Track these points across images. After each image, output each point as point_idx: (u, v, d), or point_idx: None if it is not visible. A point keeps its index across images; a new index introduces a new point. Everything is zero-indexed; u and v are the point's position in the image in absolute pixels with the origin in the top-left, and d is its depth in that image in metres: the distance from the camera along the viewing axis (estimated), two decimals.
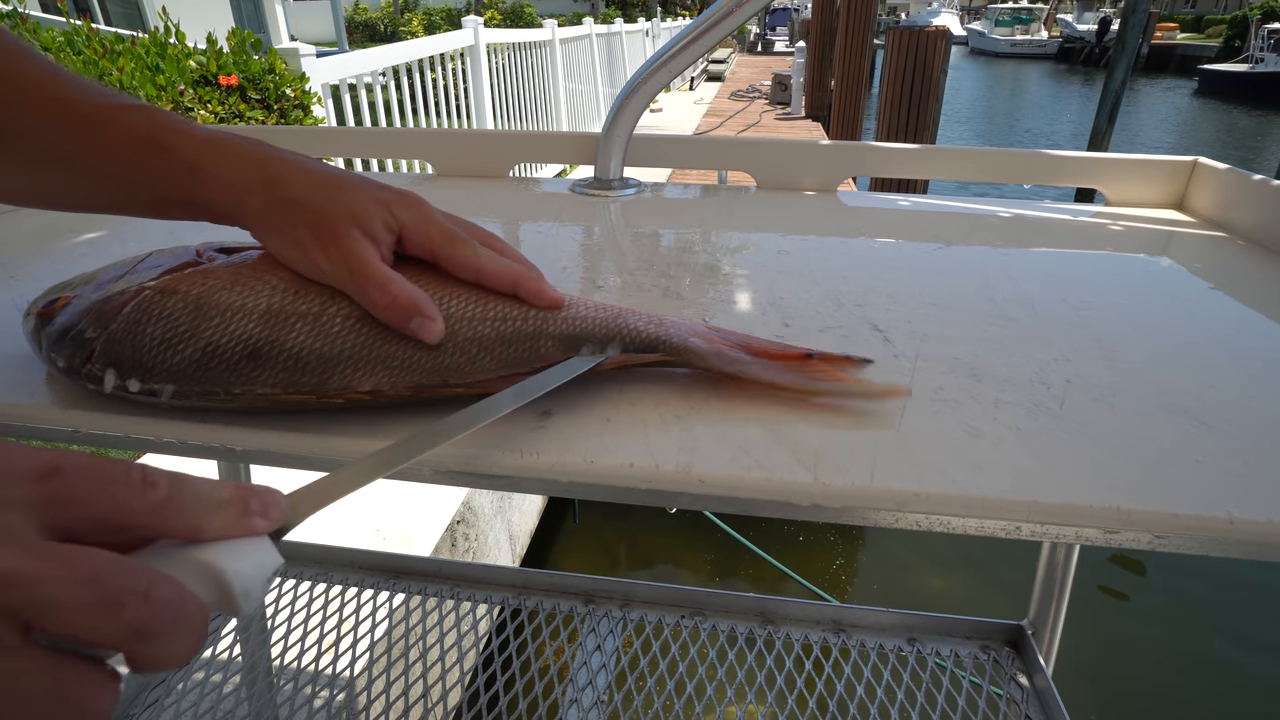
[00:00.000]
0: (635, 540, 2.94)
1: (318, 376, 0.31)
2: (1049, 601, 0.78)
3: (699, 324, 0.36)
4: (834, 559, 2.86)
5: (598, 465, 0.28)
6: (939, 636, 0.83)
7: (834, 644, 0.82)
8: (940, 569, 2.81)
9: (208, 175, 0.32)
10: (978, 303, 0.46)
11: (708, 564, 2.81)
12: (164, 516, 0.21)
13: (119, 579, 0.18)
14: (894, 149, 0.71)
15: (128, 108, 0.32)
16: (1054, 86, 23.46)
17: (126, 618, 0.18)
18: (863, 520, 0.30)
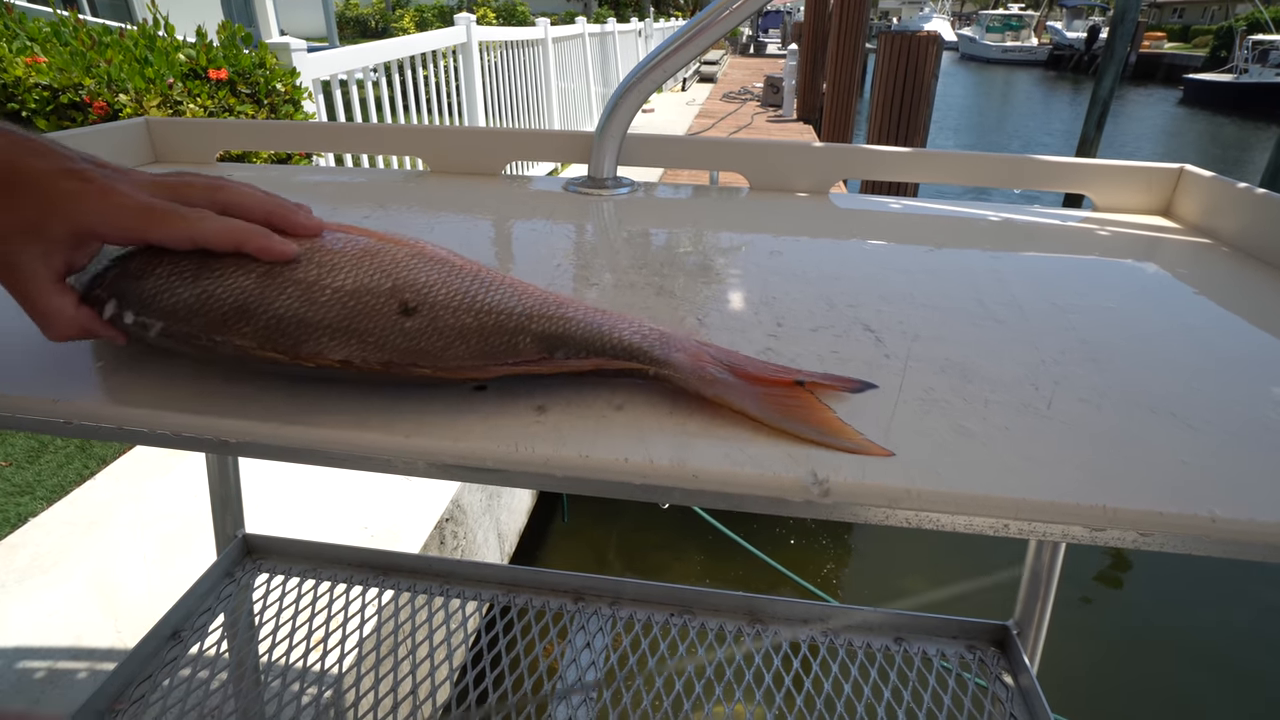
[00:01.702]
0: (624, 540, 2.94)
1: (294, 338, 0.31)
2: (1034, 601, 0.79)
3: (687, 337, 0.36)
4: (824, 560, 2.87)
5: (593, 460, 0.28)
6: (926, 636, 0.84)
7: (822, 643, 0.83)
8: (929, 570, 2.83)
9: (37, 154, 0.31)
10: (968, 304, 0.47)
11: (698, 564, 2.81)
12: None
13: None
14: (886, 152, 0.72)
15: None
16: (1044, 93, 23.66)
17: None
18: (853, 517, 0.31)
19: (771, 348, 0.38)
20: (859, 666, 0.79)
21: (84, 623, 1.37)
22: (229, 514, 0.94)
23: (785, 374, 0.34)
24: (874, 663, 0.79)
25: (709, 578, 2.77)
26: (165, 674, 0.79)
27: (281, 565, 0.92)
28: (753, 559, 2.64)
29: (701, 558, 2.84)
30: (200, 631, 0.84)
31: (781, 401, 0.33)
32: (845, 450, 0.31)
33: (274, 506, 1.65)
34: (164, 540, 1.58)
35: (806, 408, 0.32)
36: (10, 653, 1.30)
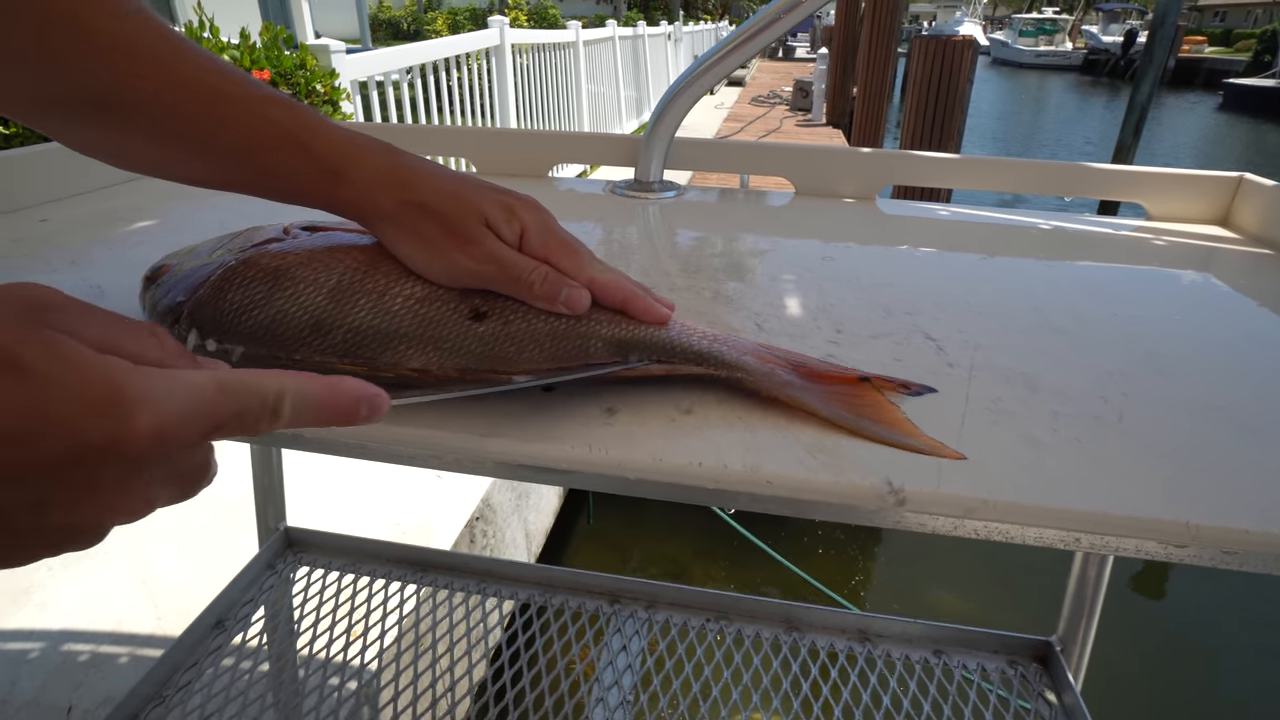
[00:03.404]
0: (649, 542, 2.94)
1: (372, 350, 0.32)
2: (1079, 617, 0.77)
3: (753, 343, 0.36)
4: (853, 570, 2.85)
5: (666, 464, 0.29)
6: (965, 649, 0.83)
7: (859, 653, 0.82)
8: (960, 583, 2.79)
9: (344, 177, 0.34)
10: (1026, 314, 0.46)
11: (723, 569, 2.80)
12: None
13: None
14: (935, 158, 0.71)
15: (265, 99, 0.34)
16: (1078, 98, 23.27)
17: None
18: (920, 526, 0.31)
19: (834, 354, 0.38)
20: (897, 679, 0.78)
21: (125, 609, 1.40)
22: (271, 506, 0.96)
23: (850, 373, 0.34)
24: (913, 675, 0.79)
25: (734, 583, 2.76)
26: (210, 662, 0.81)
27: (321, 559, 0.93)
28: (778, 566, 2.62)
29: (727, 563, 2.83)
30: (243, 622, 0.85)
31: (849, 400, 0.33)
32: (916, 450, 0.31)
33: (308, 500, 1.67)
34: (202, 530, 1.61)
35: (875, 406, 0.33)
36: (56, 635, 1.33)
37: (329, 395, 0.23)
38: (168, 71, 0.32)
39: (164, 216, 0.62)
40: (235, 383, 0.21)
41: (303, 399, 0.22)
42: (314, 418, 0.23)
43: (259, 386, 0.21)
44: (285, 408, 0.22)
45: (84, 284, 0.47)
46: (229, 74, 0.34)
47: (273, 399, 0.21)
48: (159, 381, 0.20)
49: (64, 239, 0.56)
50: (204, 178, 0.35)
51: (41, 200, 0.65)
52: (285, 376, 0.22)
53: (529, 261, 0.33)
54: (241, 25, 2.48)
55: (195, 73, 0.33)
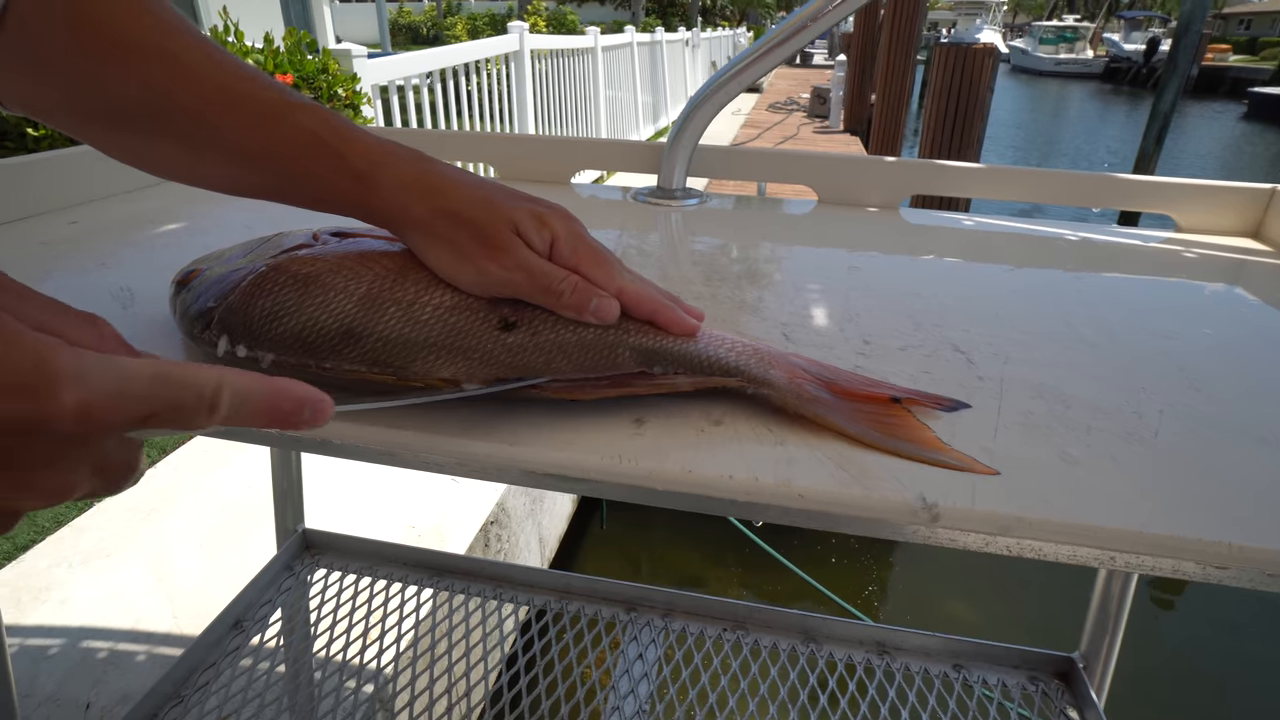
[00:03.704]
0: (660, 548, 2.93)
1: (402, 359, 0.32)
2: (1102, 634, 0.76)
3: (782, 353, 0.35)
4: (866, 580, 2.82)
5: (696, 475, 0.28)
6: (985, 664, 0.82)
7: (877, 665, 0.81)
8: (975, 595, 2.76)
9: (376, 184, 0.34)
10: (1056, 327, 0.45)
11: (735, 576, 2.79)
12: None
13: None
14: (961, 168, 0.71)
15: (297, 106, 0.34)
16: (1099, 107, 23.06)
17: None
18: (950, 542, 0.30)
19: (861, 366, 0.38)
20: (916, 693, 0.77)
21: (143, 607, 1.41)
22: (290, 508, 0.97)
23: (880, 389, 0.34)
24: (931, 689, 0.78)
25: (745, 588, 2.74)
26: (227, 663, 0.81)
27: (339, 561, 0.94)
28: (790, 575, 2.60)
29: (739, 570, 2.82)
30: (261, 623, 0.86)
31: (879, 419, 0.32)
32: (948, 466, 0.30)
33: (325, 501, 1.68)
34: (218, 530, 1.62)
35: (906, 426, 0.32)
36: (76, 632, 1.34)
37: (270, 395, 0.23)
38: (203, 79, 0.33)
39: (190, 219, 0.63)
40: (172, 373, 0.21)
41: (242, 396, 0.22)
42: (253, 417, 0.22)
43: (196, 380, 0.21)
44: (223, 403, 0.21)
45: (113, 286, 0.48)
46: (261, 80, 0.34)
47: (210, 393, 0.21)
48: (91, 361, 0.19)
49: (93, 241, 0.57)
50: (236, 185, 0.35)
51: (70, 203, 0.66)
52: (226, 373, 0.22)
53: (559, 271, 0.33)
54: (264, 30, 2.51)
55: (229, 80, 0.33)
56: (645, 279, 0.36)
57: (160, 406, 0.20)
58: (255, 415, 0.22)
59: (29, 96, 0.33)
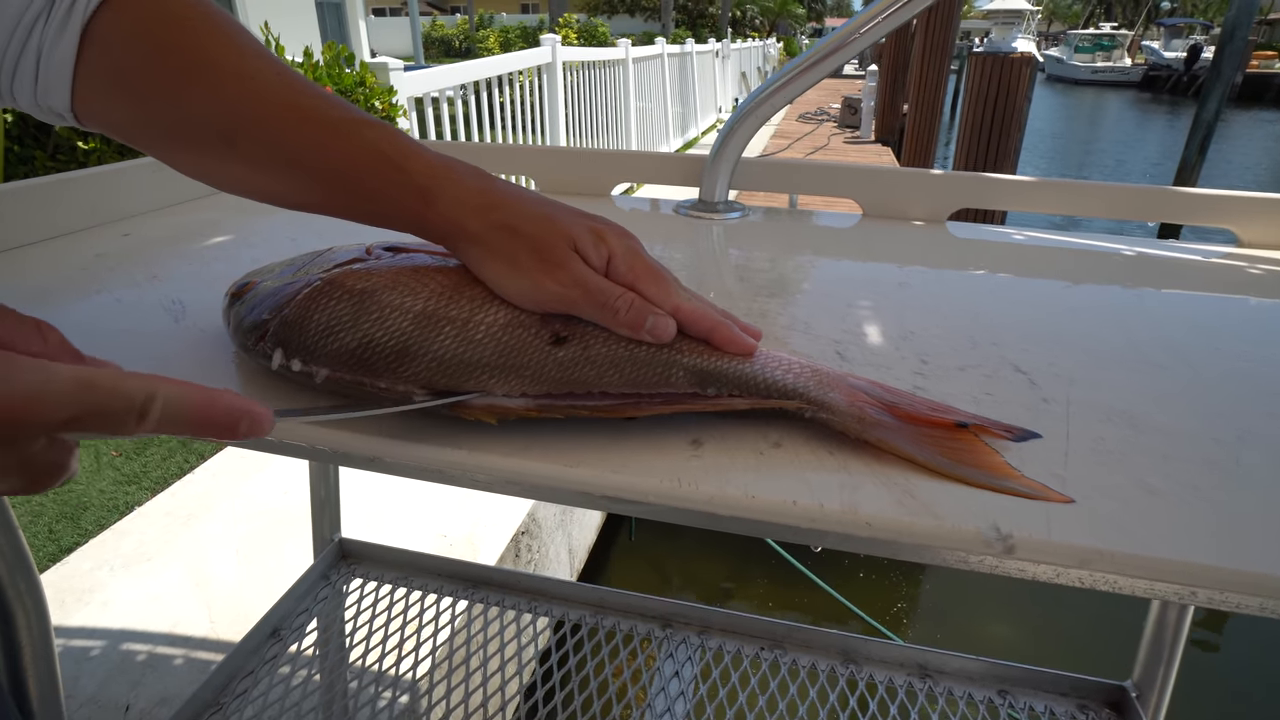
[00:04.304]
0: (688, 561, 2.91)
1: (455, 378, 0.32)
2: (1157, 661, 0.73)
3: (841, 374, 0.34)
4: (894, 597, 2.77)
5: (759, 501, 0.27)
6: (1031, 690, 0.79)
7: (919, 689, 0.79)
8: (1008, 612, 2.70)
9: (436, 200, 0.34)
10: (1119, 346, 0.44)
11: (760, 590, 2.76)
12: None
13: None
14: (1010, 181, 0.69)
15: (362, 123, 0.34)
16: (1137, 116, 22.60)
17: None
18: (1019, 573, 0.29)
19: (921, 387, 0.37)
20: (960, 718, 0.75)
21: (181, 611, 1.43)
22: (327, 517, 0.97)
23: (946, 414, 0.32)
24: (976, 715, 0.75)
25: (771, 601, 2.71)
26: (265, 671, 0.82)
27: (375, 571, 0.94)
28: (816, 590, 2.57)
29: (765, 583, 2.79)
30: (298, 632, 0.86)
31: (945, 445, 0.31)
32: (1020, 495, 0.29)
33: (358, 508, 1.70)
34: (254, 537, 1.65)
35: (974, 452, 0.31)
36: (116, 634, 1.37)
37: (204, 406, 0.23)
38: (273, 98, 0.33)
39: (238, 232, 0.63)
40: (101, 380, 0.21)
41: (175, 406, 0.22)
42: (186, 426, 0.23)
43: (126, 388, 0.22)
44: (154, 411, 0.22)
45: (165, 299, 0.48)
46: (328, 98, 0.35)
47: (141, 401, 0.22)
48: (14, 364, 0.20)
49: (145, 253, 0.58)
50: (299, 199, 0.36)
51: (123, 215, 0.68)
52: (160, 382, 0.22)
53: (615, 288, 0.32)
54: (303, 44, 2.56)
55: (298, 98, 0.34)
56: (702, 297, 0.35)
57: (83, 411, 0.21)
58: (188, 425, 0.23)
59: (105, 114, 0.34)
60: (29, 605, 0.60)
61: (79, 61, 0.33)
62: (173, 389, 0.22)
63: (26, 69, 0.33)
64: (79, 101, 0.34)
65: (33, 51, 0.33)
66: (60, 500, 1.76)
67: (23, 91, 0.34)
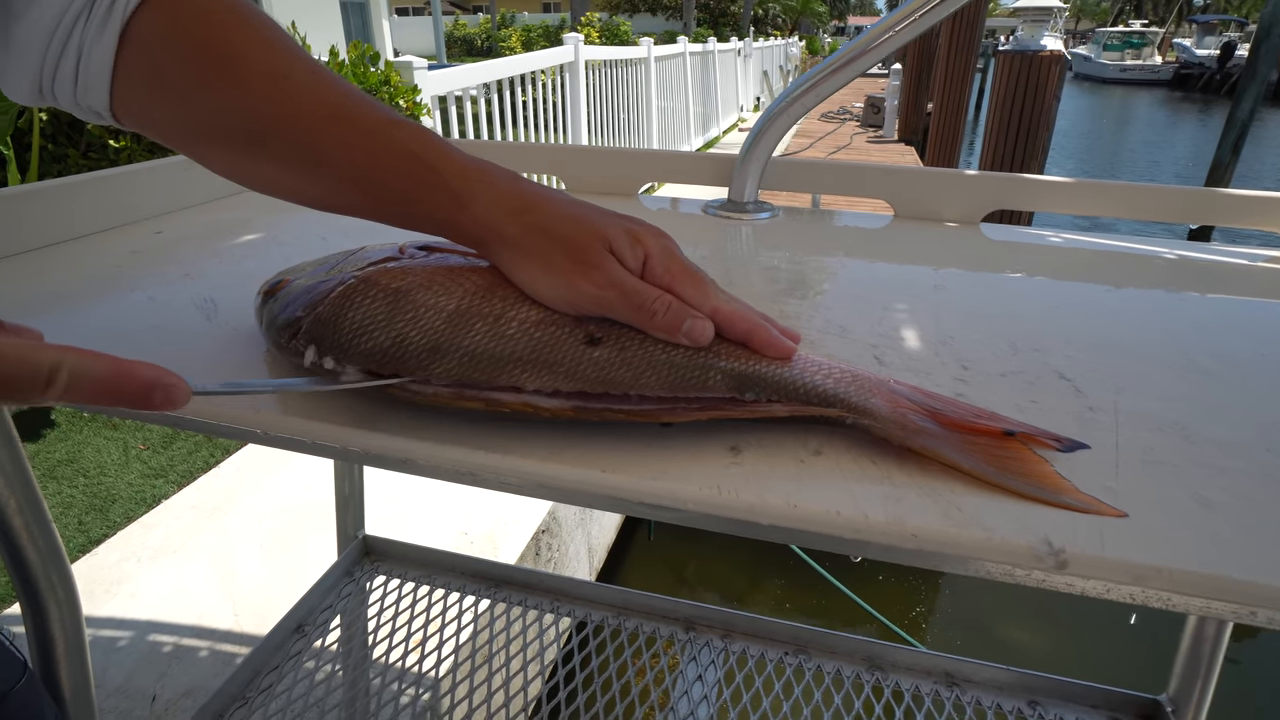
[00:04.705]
0: (706, 562, 2.90)
1: (488, 374, 0.31)
2: (1194, 675, 0.71)
3: (882, 379, 0.33)
4: (913, 600, 2.74)
5: (801, 510, 0.27)
6: (1062, 701, 0.78)
7: (946, 698, 0.78)
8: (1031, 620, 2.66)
9: (470, 202, 0.33)
10: (1167, 353, 0.43)
11: (777, 591, 2.74)
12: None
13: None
14: (1047, 181, 0.67)
15: (394, 123, 0.34)
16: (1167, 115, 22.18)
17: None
18: (1067, 588, 0.28)
19: (963, 394, 0.36)
20: None
21: (206, 603, 1.45)
22: (350, 515, 0.98)
23: (992, 421, 0.32)
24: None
25: (789, 604, 2.69)
26: (290, 666, 0.82)
27: (398, 569, 0.94)
28: (833, 591, 2.55)
29: (781, 583, 2.77)
30: (322, 628, 0.87)
31: (992, 453, 0.30)
32: (1070, 508, 0.28)
33: (380, 505, 1.71)
34: (278, 532, 1.66)
35: (1022, 461, 0.30)
36: (143, 625, 1.39)
37: (114, 378, 0.23)
38: (308, 97, 0.33)
39: (268, 230, 0.64)
40: (7, 349, 0.21)
41: (82, 375, 0.22)
42: (95, 395, 0.23)
43: (32, 357, 0.22)
44: (61, 380, 0.22)
45: (197, 297, 0.49)
46: (357, 96, 0.35)
47: (47, 370, 0.22)
48: None
49: (177, 251, 0.58)
50: (330, 202, 0.35)
51: (155, 213, 0.68)
52: (68, 352, 0.22)
53: (652, 290, 0.32)
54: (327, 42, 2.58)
55: (329, 97, 0.33)
56: (740, 299, 0.35)
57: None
58: (97, 395, 0.23)
59: (143, 114, 0.34)
60: (61, 597, 0.61)
61: (118, 61, 0.33)
62: (82, 359, 0.22)
63: (67, 69, 0.33)
64: (118, 101, 0.34)
65: (73, 51, 0.33)
66: (90, 493, 1.79)
67: (63, 91, 0.34)
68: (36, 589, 0.60)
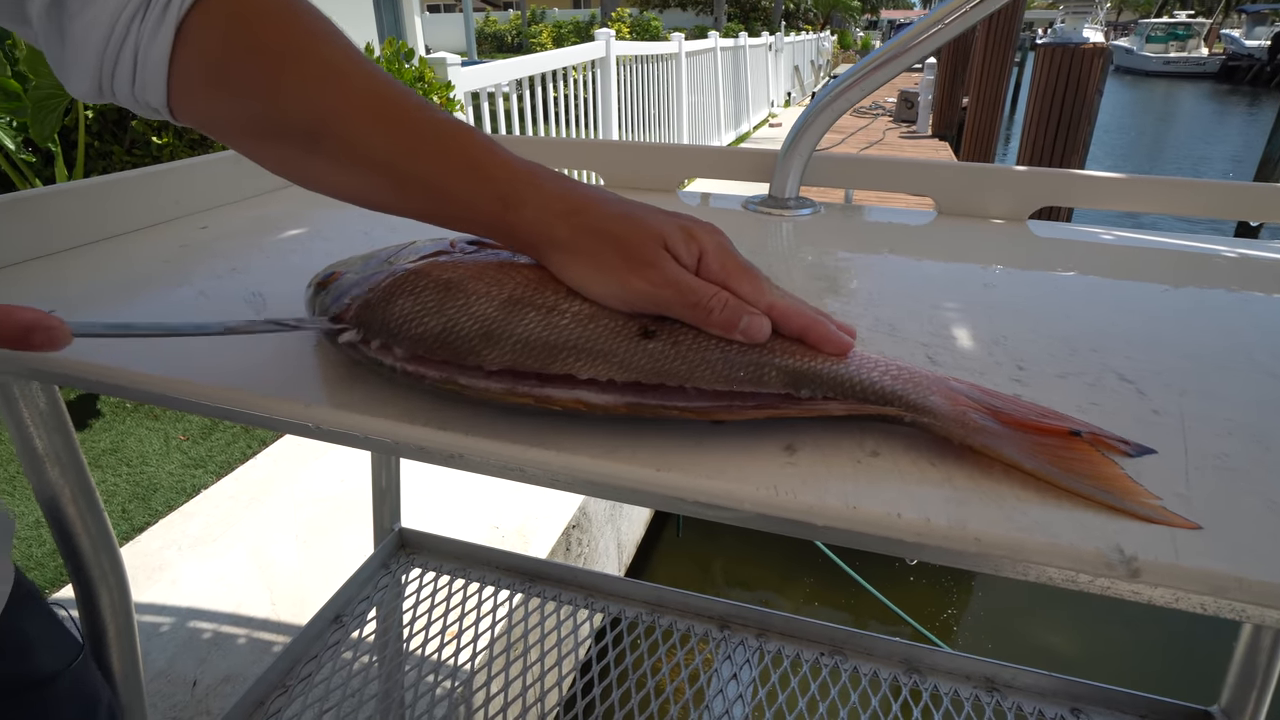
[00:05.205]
0: (734, 559, 2.89)
1: (541, 360, 0.31)
2: (1249, 687, 0.69)
3: (940, 377, 0.33)
4: (945, 603, 2.71)
5: (861, 512, 0.26)
6: (1106, 710, 0.76)
7: (986, 703, 0.76)
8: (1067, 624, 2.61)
9: (521, 205, 0.33)
10: (1231, 355, 0.41)
11: (805, 589, 2.72)
12: None
13: None
14: (1099, 177, 0.66)
15: (447, 124, 0.34)
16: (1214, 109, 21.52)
17: None
18: (1134, 596, 0.27)
19: (1020, 394, 0.35)
20: None
21: (244, 591, 1.48)
22: (387, 507, 0.99)
23: (1057, 421, 0.31)
24: None
25: (816, 602, 2.67)
26: (329, 656, 0.83)
27: (433, 562, 0.95)
28: (862, 591, 2.52)
29: (810, 581, 2.75)
30: (360, 619, 0.88)
31: (1057, 454, 0.29)
32: (1139, 517, 0.27)
33: (413, 498, 1.73)
34: (313, 522, 1.69)
35: (1089, 463, 0.29)
36: (184, 612, 1.42)
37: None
38: (358, 97, 0.33)
39: (312, 224, 0.64)
40: None
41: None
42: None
43: None
44: None
45: (245, 291, 0.49)
46: (408, 94, 0.35)
47: None
48: None
49: (223, 245, 0.59)
50: (379, 201, 0.36)
51: (201, 208, 0.69)
52: None
53: (709, 287, 0.31)
54: (362, 39, 2.61)
55: (381, 88, 0.33)
56: (794, 295, 0.34)
57: None
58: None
59: (199, 109, 0.35)
60: (112, 584, 0.63)
61: (173, 59, 0.33)
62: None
63: (125, 66, 0.34)
64: (174, 97, 0.34)
65: (130, 49, 0.33)
66: (133, 481, 1.84)
67: (122, 88, 0.35)
68: (89, 575, 0.62)
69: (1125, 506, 0.27)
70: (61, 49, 0.34)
